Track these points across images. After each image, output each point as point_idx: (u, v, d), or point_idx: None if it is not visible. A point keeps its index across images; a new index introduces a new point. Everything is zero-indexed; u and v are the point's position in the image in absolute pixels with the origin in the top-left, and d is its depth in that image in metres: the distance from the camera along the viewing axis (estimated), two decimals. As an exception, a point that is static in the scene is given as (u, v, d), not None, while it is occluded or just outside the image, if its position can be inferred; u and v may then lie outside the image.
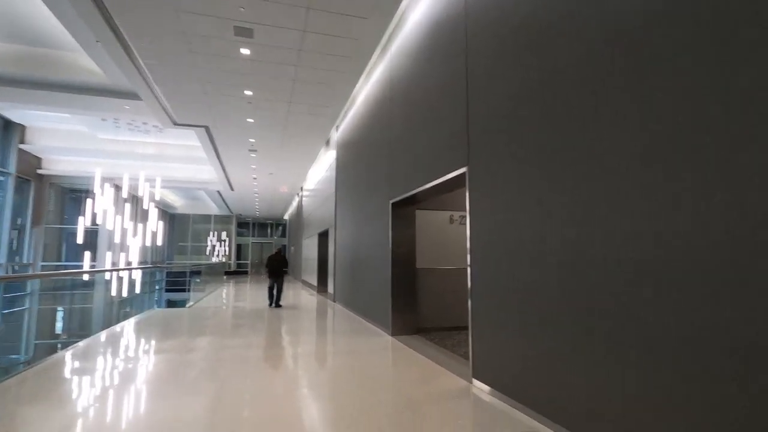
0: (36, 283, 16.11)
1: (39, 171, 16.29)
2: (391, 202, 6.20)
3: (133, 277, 13.11)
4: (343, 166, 10.16)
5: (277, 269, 9.84)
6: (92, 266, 15.51)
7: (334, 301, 10.61)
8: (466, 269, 6.89)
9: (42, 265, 16.31)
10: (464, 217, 6.76)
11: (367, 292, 7.28)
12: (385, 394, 3.53)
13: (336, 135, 10.89)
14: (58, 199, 17.79)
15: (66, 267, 17.79)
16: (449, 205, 6.69)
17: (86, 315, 16.62)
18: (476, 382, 3.65)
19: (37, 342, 16.28)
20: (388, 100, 6.61)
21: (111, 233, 12.79)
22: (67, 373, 4.32)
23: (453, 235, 6.67)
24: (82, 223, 12.16)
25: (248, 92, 7.75)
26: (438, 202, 6.57)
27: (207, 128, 9.80)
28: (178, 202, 27.03)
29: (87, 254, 11.65)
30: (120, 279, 12.28)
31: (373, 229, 7.01)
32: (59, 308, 16.09)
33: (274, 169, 14.39)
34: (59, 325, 16.25)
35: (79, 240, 12.04)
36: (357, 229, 8.30)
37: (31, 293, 16.18)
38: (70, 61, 8.23)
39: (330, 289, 11.37)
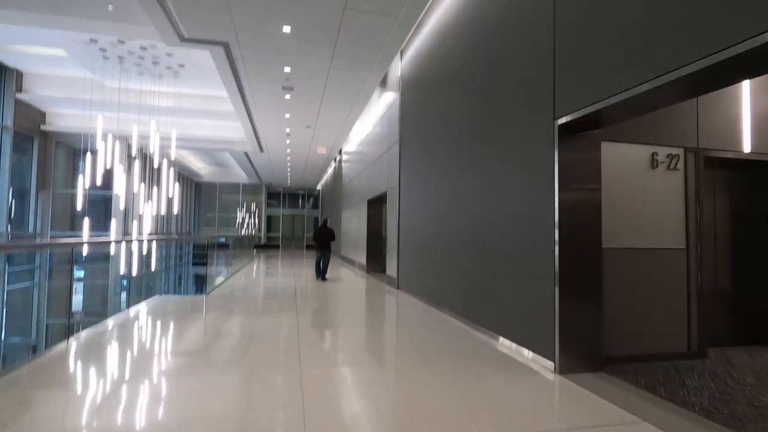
0: (46, 256, 14.28)
1: (43, 127, 14.14)
2: (558, 123, 3.28)
3: (144, 252, 10.95)
4: (412, 106, 7.24)
5: (326, 242, 9.37)
6: (92, 237, 13.37)
7: (398, 288, 7.93)
8: (681, 251, 3.62)
9: (51, 235, 14.40)
10: (675, 157, 3.75)
11: (488, 285, 4.45)
12: None
13: (399, 68, 7.93)
14: (69, 161, 15.73)
15: (79, 237, 15.89)
16: (649, 134, 3.70)
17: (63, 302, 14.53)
18: None
19: (49, 322, 14.61)
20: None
21: (117, 198, 10.50)
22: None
23: (656, 189, 3.69)
24: (81, 184, 9.88)
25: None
26: (631, 130, 3.60)
27: (226, 46, 7.02)
28: (204, 170, 24.89)
29: (86, 221, 9.38)
30: (128, 253, 10.10)
31: (507, 179, 4.11)
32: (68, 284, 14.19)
33: (313, 119, 11.59)
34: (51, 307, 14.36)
35: (78, 206, 9.79)
36: (450, 186, 5.44)
37: (40, 267, 14.40)
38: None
39: (390, 271, 8.66)
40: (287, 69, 7.96)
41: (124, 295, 10.34)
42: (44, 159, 14.31)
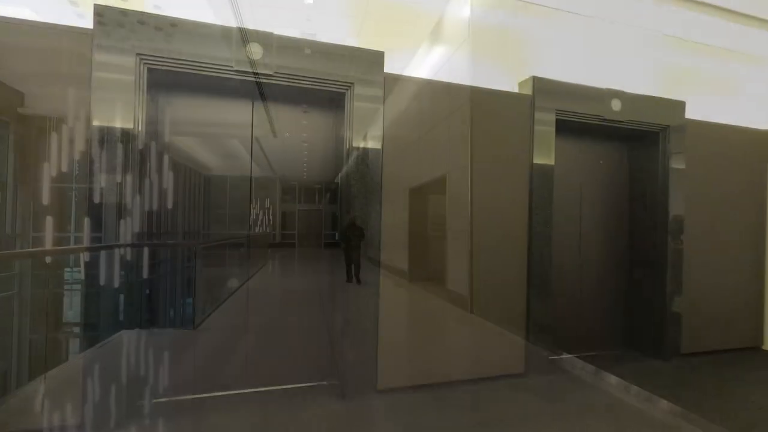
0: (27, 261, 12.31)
1: (20, 110, 12.08)
2: None
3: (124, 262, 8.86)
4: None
5: (356, 242, 7.84)
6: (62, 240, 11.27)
7: (471, 312, 5.56)
8: None
9: (34, 237, 12.38)
10: None
11: None
12: None
13: (469, 4, 5.52)
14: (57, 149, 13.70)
15: (72, 241, 13.89)
16: None
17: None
18: None
19: (33, 337, 12.55)
20: None
21: (92, 191, 8.37)
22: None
23: None
24: (47, 173, 7.76)
25: None
26: None
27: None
28: (212, 162, 22.85)
29: (49, 221, 7.24)
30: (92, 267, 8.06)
31: None
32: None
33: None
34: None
35: (44, 200, 7.68)
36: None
37: (21, 274, 12.39)
38: None
39: (455, 285, 6.28)
40: None
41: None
42: (24, 148, 12.29)
